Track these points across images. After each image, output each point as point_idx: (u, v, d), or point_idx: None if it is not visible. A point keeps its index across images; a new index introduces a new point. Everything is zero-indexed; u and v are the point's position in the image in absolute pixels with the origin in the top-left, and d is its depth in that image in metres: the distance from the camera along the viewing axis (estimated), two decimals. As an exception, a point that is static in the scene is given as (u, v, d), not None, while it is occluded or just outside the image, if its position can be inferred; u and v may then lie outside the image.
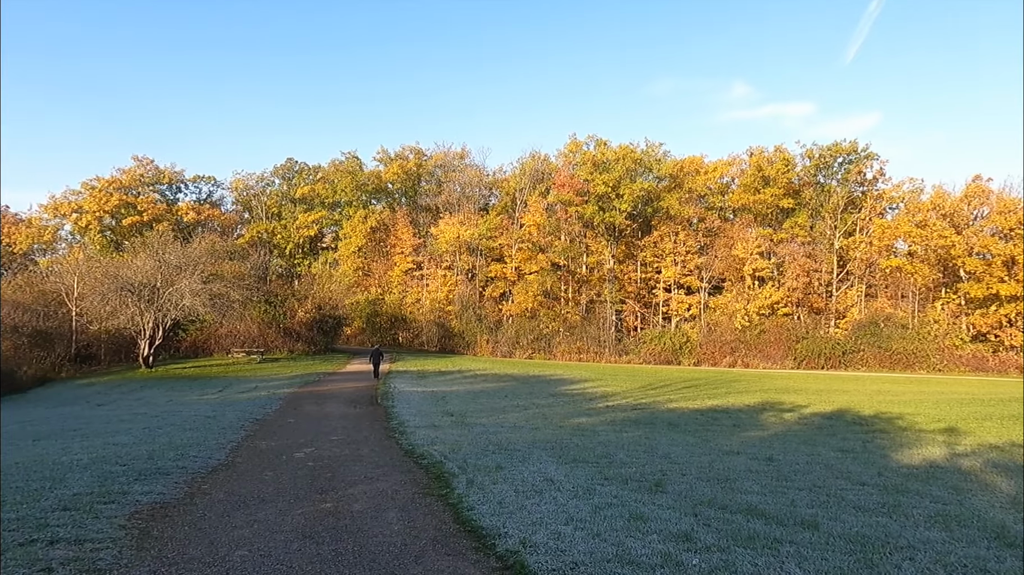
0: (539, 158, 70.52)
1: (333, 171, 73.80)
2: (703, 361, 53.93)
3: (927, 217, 56.62)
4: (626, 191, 59.64)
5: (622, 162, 60.84)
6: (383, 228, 70.48)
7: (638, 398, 22.35)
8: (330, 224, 75.50)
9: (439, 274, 65.58)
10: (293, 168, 77.84)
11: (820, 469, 9.30)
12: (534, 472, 8.78)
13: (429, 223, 69.82)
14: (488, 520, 6.40)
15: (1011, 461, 10.10)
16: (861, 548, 5.50)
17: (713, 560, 5.18)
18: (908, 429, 14.12)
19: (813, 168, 62.72)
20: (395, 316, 62.38)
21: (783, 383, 30.74)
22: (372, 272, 68.38)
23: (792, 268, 57.94)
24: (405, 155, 74.55)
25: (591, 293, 62.81)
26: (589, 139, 66.28)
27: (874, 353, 52.17)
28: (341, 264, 69.42)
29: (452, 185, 72.04)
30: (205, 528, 6.37)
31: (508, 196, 68.80)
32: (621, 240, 64.26)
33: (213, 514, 6.89)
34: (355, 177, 72.20)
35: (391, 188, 75.67)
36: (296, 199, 74.77)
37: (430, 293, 65.04)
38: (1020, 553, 5.45)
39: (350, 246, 69.30)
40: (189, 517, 6.77)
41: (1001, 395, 25.22)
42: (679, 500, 7.23)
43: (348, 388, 25.30)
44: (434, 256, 66.09)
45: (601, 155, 62.98)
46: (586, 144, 66.46)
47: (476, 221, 65.20)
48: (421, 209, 73.42)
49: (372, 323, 60.86)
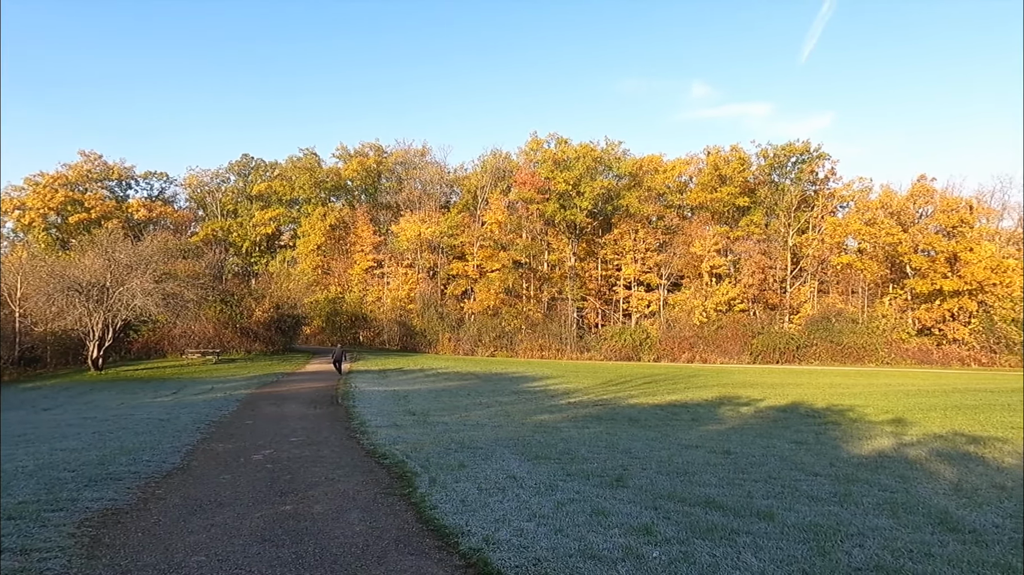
0: (500, 156, 70.60)
1: (291, 168, 72.51)
2: (663, 357, 54.78)
3: (876, 215, 58.59)
4: (587, 189, 60.14)
5: (582, 160, 61.33)
6: (343, 226, 69.59)
7: (600, 394, 22.57)
8: (288, 222, 74.19)
9: (400, 272, 65.09)
10: (249, 164, 76.23)
11: (775, 461, 9.55)
12: (497, 470, 8.80)
13: (390, 221, 69.23)
14: (451, 518, 6.40)
15: (954, 450, 10.53)
16: (814, 536, 5.67)
17: (673, 552, 5.28)
18: (858, 421, 14.58)
19: (768, 167, 64.25)
20: (356, 315, 61.70)
21: (740, 378, 31.43)
22: (332, 270, 67.46)
23: (748, 265, 59.27)
24: (365, 152, 73.72)
25: (553, 291, 63.15)
26: (550, 137, 66.61)
27: (826, 347, 53.76)
28: (300, 262, 68.28)
29: (413, 182, 71.55)
30: (159, 534, 6.21)
31: (469, 194, 68.66)
32: (582, 238, 64.78)
33: (168, 519, 6.72)
34: (314, 174, 71.06)
35: (351, 185, 74.75)
36: (253, 196, 73.24)
37: (391, 291, 64.51)
38: (962, 538, 5.70)
39: (309, 244, 68.21)
40: (143, 523, 6.58)
41: (944, 386, 26.26)
42: (640, 494, 7.34)
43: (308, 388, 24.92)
44: (395, 254, 65.56)
45: (562, 153, 63.37)
46: (547, 142, 66.78)
47: (437, 219, 64.90)
48: (381, 207, 72.73)
49: (332, 322, 60.06)
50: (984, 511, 6.64)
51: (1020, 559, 5.12)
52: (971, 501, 7.11)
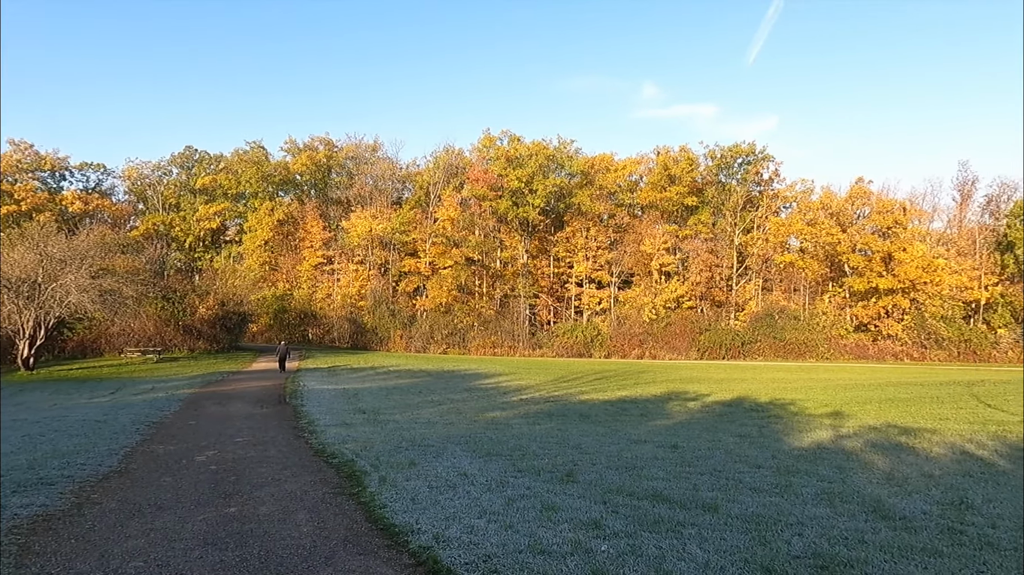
0: (453, 152, 70.27)
1: (237, 161, 70.50)
2: (613, 353, 55.55)
3: (817, 216, 60.71)
4: (539, 186, 60.45)
5: (535, 158, 61.62)
6: (291, 221, 68.07)
7: (551, 391, 22.74)
8: (234, 216, 72.15)
9: (351, 269, 64.14)
10: (193, 157, 73.81)
11: (721, 454, 9.80)
12: (448, 467, 8.78)
13: (340, 216, 68.12)
14: (401, 517, 6.35)
15: (887, 441, 11.01)
16: (756, 527, 5.85)
17: (621, 545, 5.36)
18: (799, 414, 15.10)
19: (715, 168, 65.77)
20: (305, 312, 60.52)
21: (687, 373, 32.15)
22: (280, 267, 65.92)
23: (696, 263, 60.60)
24: (315, 146, 72.29)
25: (505, 288, 63.29)
26: (503, 134, 66.71)
27: (770, 343, 55.45)
28: (246, 258, 66.49)
29: (364, 178, 70.56)
30: (95, 540, 5.96)
31: (422, 190, 68.15)
32: (534, 235, 65.08)
33: (104, 525, 6.46)
34: (261, 168, 69.25)
35: (300, 180, 73.19)
36: (196, 190, 70.94)
37: (341, 288, 63.51)
38: (893, 525, 5.96)
39: (256, 239, 66.47)
40: (76, 529, 6.31)
41: (879, 380, 27.43)
42: (589, 489, 7.43)
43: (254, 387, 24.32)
44: (345, 250, 64.56)
45: (514, 151, 63.53)
46: (500, 139, 66.85)
47: (389, 215, 64.21)
48: (332, 202, 71.48)
49: (280, 319, 58.75)
50: (914, 499, 6.96)
51: (946, 543, 5.39)
52: (902, 489, 7.45)
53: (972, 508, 6.55)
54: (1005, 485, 7.68)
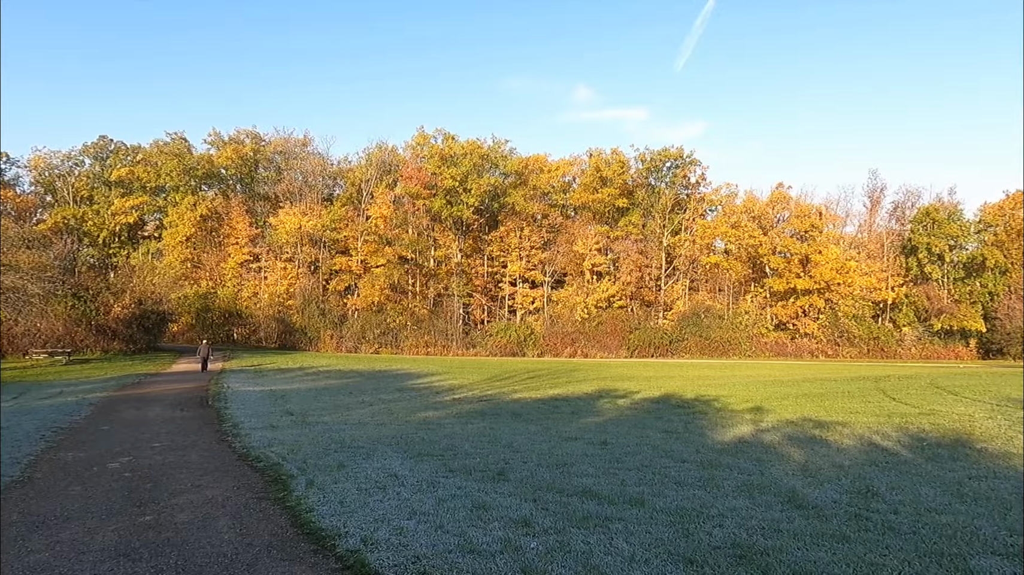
0: (386, 149, 69.35)
1: (156, 153, 67.17)
2: (546, 352, 56.13)
3: (740, 219, 63.21)
4: (473, 186, 60.42)
5: (470, 157, 61.56)
6: (215, 216, 65.43)
7: (484, 390, 22.76)
8: (153, 211, 68.74)
9: (279, 266, 62.30)
10: (107, 147, 69.91)
11: (648, 450, 10.05)
12: (378, 468, 8.65)
13: (268, 212, 66.04)
14: (328, 521, 6.21)
15: (802, 434, 11.57)
16: (680, 519, 6.04)
17: (550, 542, 5.42)
18: (723, 410, 15.66)
19: (645, 171, 67.45)
20: (229, 311, 58.30)
21: (618, 371, 32.84)
22: (203, 264, 63.25)
23: (626, 264, 62.01)
24: (241, 139, 69.73)
25: (439, 287, 62.94)
26: (437, 132, 66.33)
27: (696, 341, 57.33)
28: (166, 255, 63.47)
29: (293, 173, 68.67)
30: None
31: (354, 187, 66.92)
32: (469, 234, 65.00)
33: (4, 539, 6.03)
34: (183, 160, 66.20)
35: (225, 174, 70.43)
36: (112, 182, 67.21)
37: (269, 286, 61.59)
38: (806, 513, 6.27)
39: (177, 235, 63.51)
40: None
41: (797, 377, 28.80)
42: (520, 487, 7.48)
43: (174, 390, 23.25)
44: (273, 247, 62.64)
45: (449, 149, 63.28)
46: (434, 138, 66.44)
47: (319, 211, 62.75)
48: (259, 197, 69.21)
49: (203, 319, 56.37)
50: (825, 488, 7.35)
51: (854, 529, 5.71)
52: (815, 480, 7.84)
53: (877, 496, 6.97)
54: (907, 473, 8.20)
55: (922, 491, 7.18)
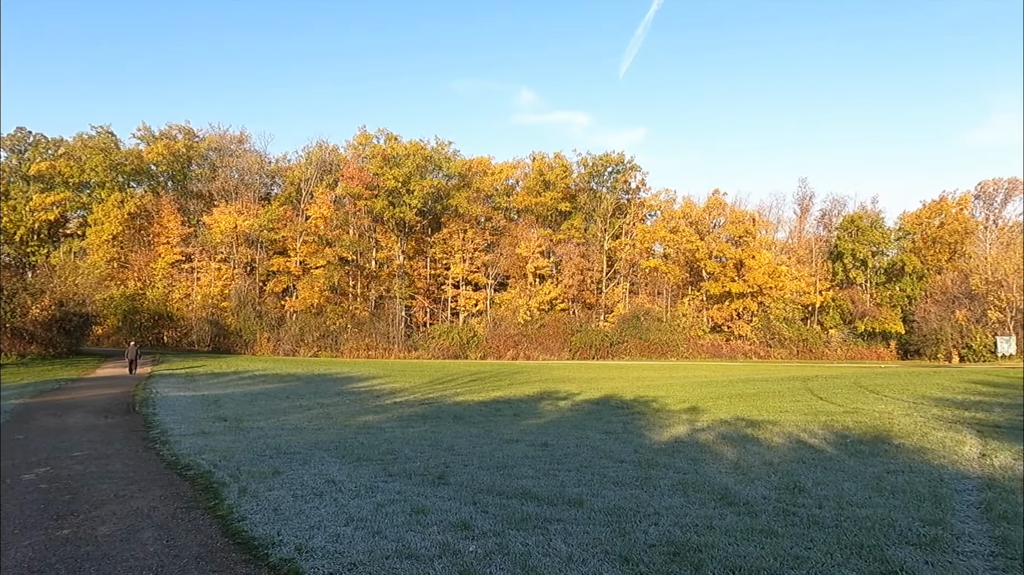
0: (327, 148, 68.04)
1: (80, 147, 63.78)
2: (489, 354, 56.17)
3: (678, 224, 64.88)
4: (416, 187, 59.94)
5: (413, 158, 61.05)
6: (144, 214, 62.62)
7: (426, 393, 22.59)
8: (76, 208, 65.23)
9: (213, 267, 60.16)
10: (26, 140, 66.01)
11: (587, 451, 10.18)
12: (315, 474, 8.46)
13: (201, 211, 63.70)
14: (261, 529, 6.03)
15: (735, 433, 11.95)
16: (617, 519, 6.13)
17: (489, 545, 5.42)
18: (661, 410, 16.02)
19: (587, 175, 68.39)
20: (159, 313, 55.94)
21: (560, 373, 33.16)
22: (131, 264, 60.41)
23: (568, 267, 62.73)
24: (172, 134, 67.02)
25: (380, 289, 62.14)
26: (380, 132, 65.57)
27: (636, 343, 58.48)
28: (90, 254, 60.32)
29: (229, 171, 66.48)
30: None
31: (293, 186, 65.34)
32: (411, 236, 64.46)
33: (-99, 558, 5.60)
34: (109, 155, 63.07)
35: (155, 170, 67.53)
36: (30, 177, 63.42)
37: (202, 288, 59.38)
38: (738, 510, 6.48)
39: (102, 234, 60.41)
40: None
41: (731, 377, 29.73)
42: (460, 490, 7.45)
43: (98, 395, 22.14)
44: (207, 247, 60.44)
45: (391, 150, 62.61)
46: (376, 137, 65.65)
47: (256, 211, 60.96)
48: (191, 195, 66.65)
49: (130, 321, 53.90)
50: (756, 485, 7.60)
51: (781, 524, 5.93)
52: (746, 477, 8.11)
53: (803, 491, 7.26)
54: (831, 469, 8.58)
55: (845, 486, 7.52)
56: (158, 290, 57.93)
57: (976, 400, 17.14)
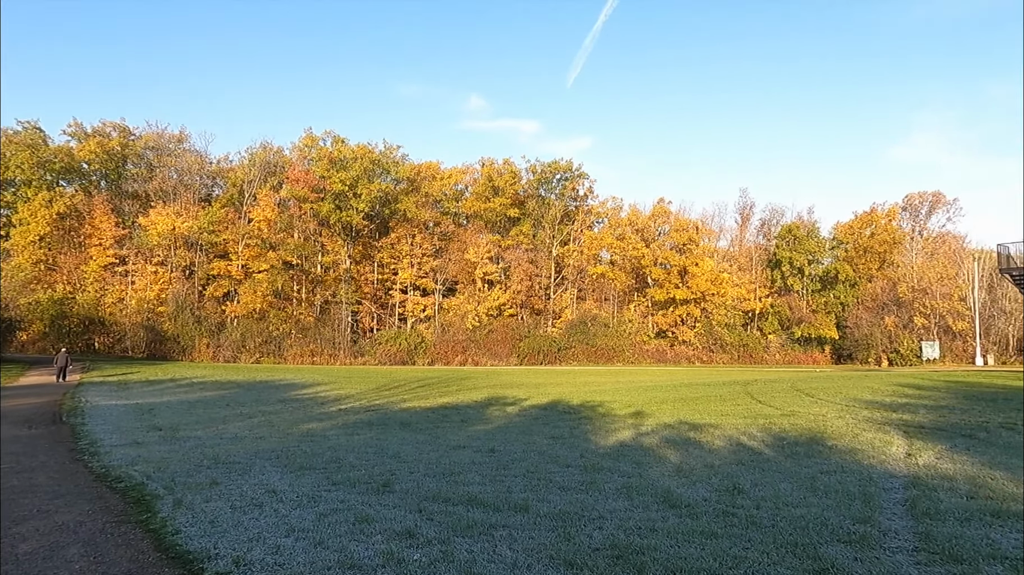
0: (272, 150, 66.57)
1: (5, 143, 60.49)
2: (437, 360, 55.82)
3: (624, 231, 66.04)
4: (364, 191, 59.21)
5: (360, 161, 60.30)
6: (75, 215, 59.80)
7: (372, 399, 22.27)
8: (0, 207, 61.88)
9: (149, 270, 57.95)
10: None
11: (534, 456, 10.22)
12: (255, 484, 8.22)
13: (137, 212, 61.30)
14: (197, 542, 5.82)
15: (679, 436, 12.20)
16: (562, 523, 6.17)
17: (434, 553, 5.37)
18: (607, 415, 16.21)
19: (536, 182, 68.94)
20: (90, 318, 53.53)
21: (508, 379, 33.20)
22: (59, 266, 57.59)
23: (517, 272, 63.00)
24: (106, 131, 64.34)
25: (326, 293, 61.03)
26: (326, 135, 64.52)
27: (583, 349, 59.08)
28: (15, 256, 57.20)
29: (167, 171, 64.25)
30: None
31: (235, 188, 63.60)
32: (358, 240, 63.58)
33: None
34: (37, 152, 60.05)
35: (87, 168, 64.66)
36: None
37: (137, 292, 57.09)
38: (679, 512, 6.61)
39: (28, 234, 57.40)
40: None
41: (675, 382, 30.35)
42: (406, 498, 7.36)
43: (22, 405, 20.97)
44: (143, 250, 58.19)
45: (339, 152, 61.66)
46: (323, 140, 64.60)
47: (196, 212, 59.07)
48: (127, 195, 64.12)
49: (58, 326, 51.37)
50: (697, 487, 7.78)
51: (721, 525, 6.08)
52: (688, 479, 8.29)
53: (742, 492, 7.46)
54: (769, 470, 8.85)
55: (781, 487, 7.77)
56: (89, 294, 55.43)
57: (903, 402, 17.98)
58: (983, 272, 59.14)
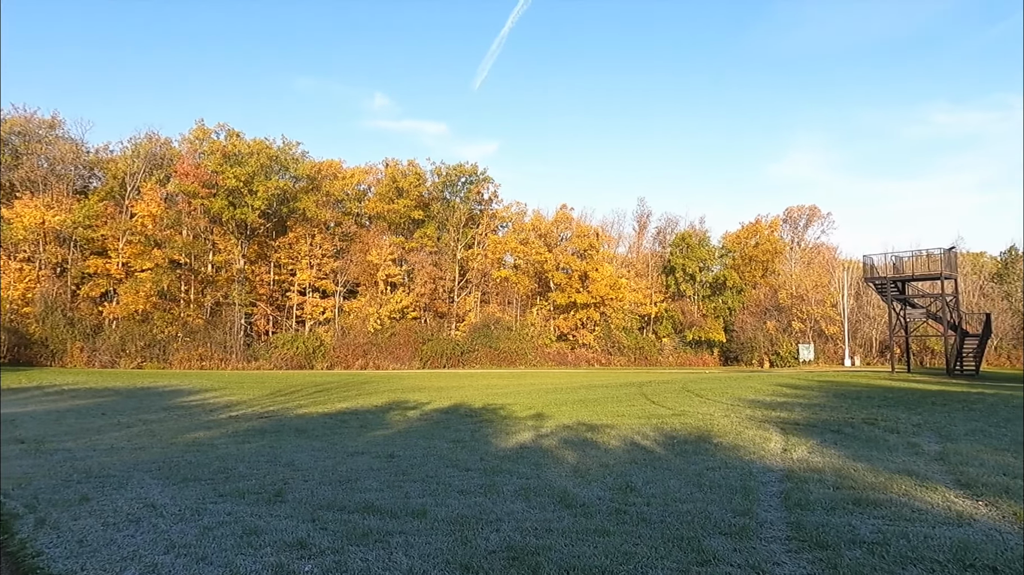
0: (158, 141, 62.52)
1: None
2: (336, 364, 54.34)
3: (528, 236, 67.06)
4: (260, 188, 56.75)
5: (257, 157, 57.76)
6: (-76, 204, 53.66)
7: (266, 405, 21.36)
8: None
9: (13, 267, 52.77)
10: None
11: (434, 460, 10.15)
12: (132, 499, 7.67)
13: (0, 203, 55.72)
14: (61, 564, 5.36)
15: (577, 437, 12.50)
16: (460, 527, 6.17)
17: (326, 563, 5.22)
18: (508, 417, 16.36)
19: (441, 184, 68.68)
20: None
21: (410, 383, 32.80)
22: (-97, 261, 51.42)
23: (421, 275, 62.47)
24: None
25: (217, 295, 57.96)
26: (220, 127, 61.42)
27: (486, 352, 59.37)
28: None
29: (36, 159, 58.84)
30: None
31: (116, 180, 59.21)
32: (253, 239, 60.87)
33: None
34: None
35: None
36: None
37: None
38: (574, 512, 6.78)
39: None
40: None
41: (575, 384, 31.08)
42: (299, 507, 7.11)
43: None
44: (7, 245, 52.94)
45: (233, 147, 58.80)
46: (216, 133, 61.45)
47: (70, 205, 54.52)
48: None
49: (-100, 329, 45.78)
50: (592, 487, 8.00)
51: (613, 523, 6.29)
52: (584, 479, 8.51)
53: (635, 490, 7.75)
54: (660, 468, 9.24)
55: (670, 483, 8.13)
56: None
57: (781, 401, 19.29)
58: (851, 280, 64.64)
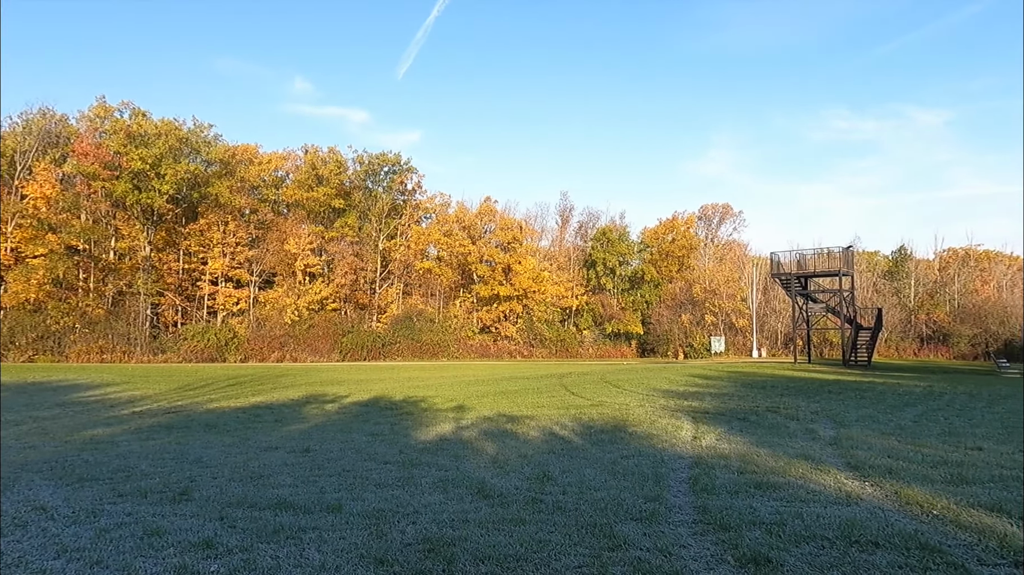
0: (53, 118, 58.24)
1: None
2: (251, 357, 52.51)
3: (452, 228, 66.81)
4: (168, 171, 53.81)
5: (165, 138, 54.69)
6: None
7: (173, 400, 20.35)
8: None
9: None
10: None
11: (352, 454, 9.98)
12: (20, 502, 7.15)
13: None
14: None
15: (496, 428, 12.59)
16: (375, 521, 6.10)
17: (234, 562, 5.05)
18: (429, 410, 16.28)
19: (363, 173, 67.33)
20: None
21: (328, 375, 32.07)
22: None
23: (341, 266, 61.10)
24: None
25: (120, 283, 54.68)
26: (123, 106, 57.82)
27: (408, 344, 58.82)
28: None
29: (-90, 133, 53.55)
30: None
31: (5, 159, 54.68)
32: (161, 225, 57.74)
33: None
34: None
35: None
36: None
37: None
38: (492, 502, 6.84)
39: None
40: None
41: (497, 376, 31.28)
42: (206, 506, 6.83)
43: None
44: None
45: (138, 127, 55.44)
46: (120, 111, 57.81)
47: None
48: None
49: None
50: (510, 477, 8.09)
51: (530, 512, 6.39)
52: (503, 470, 8.59)
53: (551, 479, 7.89)
54: (576, 457, 9.45)
55: (586, 472, 8.33)
56: None
57: (693, 391, 20.12)
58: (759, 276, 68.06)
